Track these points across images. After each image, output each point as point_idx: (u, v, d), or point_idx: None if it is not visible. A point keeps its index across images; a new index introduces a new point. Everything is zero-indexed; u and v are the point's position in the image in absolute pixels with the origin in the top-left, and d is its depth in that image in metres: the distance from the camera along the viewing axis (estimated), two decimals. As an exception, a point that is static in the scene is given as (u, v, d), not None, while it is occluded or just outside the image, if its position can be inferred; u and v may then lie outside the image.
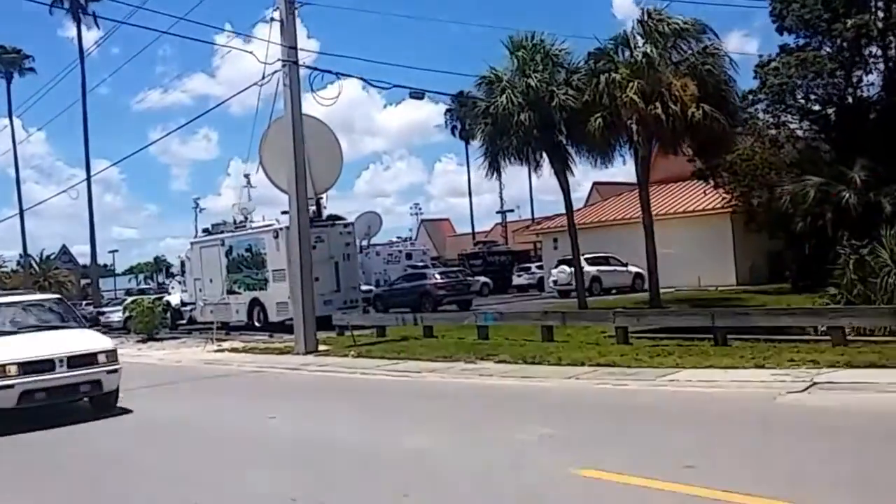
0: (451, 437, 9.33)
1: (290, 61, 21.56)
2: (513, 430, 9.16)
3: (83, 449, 10.47)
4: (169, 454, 9.64)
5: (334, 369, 17.64)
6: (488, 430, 9.55)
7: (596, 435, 9.07)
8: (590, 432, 9.23)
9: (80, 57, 52.27)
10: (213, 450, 9.63)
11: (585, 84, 23.61)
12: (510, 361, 15.87)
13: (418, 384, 14.55)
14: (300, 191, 21.88)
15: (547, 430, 9.00)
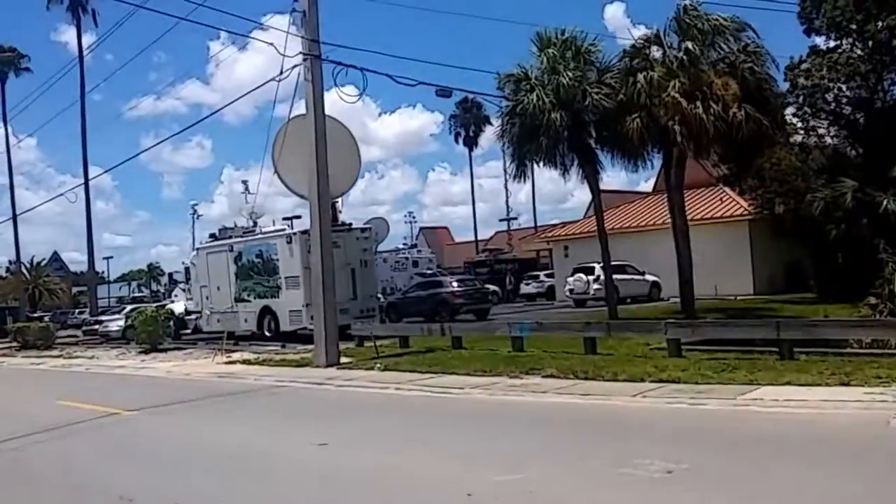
0: (562, 472, 7.97)
1: (312, 55, 20.38)
2: (628, 463, 7.83)
3: (118, 478, 9.20)
4: (225, 495, 8.23)
5: (363, 384, 16.41)
6: (596, 463, 8.20)
7: (731, 471, 7.70)
8: (717, 466, 7.95)
9: (80, 55, 51.15)
10: (275, 490, 8.09)
11: (620, 83, 22.48)
12: (559, 376, 14.70)
13: (466, 402, 13.31)
14: (322, 193, 20.69)
15: (669, 463, 7.74)
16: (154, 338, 28.64)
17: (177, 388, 17.94)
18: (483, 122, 73.18)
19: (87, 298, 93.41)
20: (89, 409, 14.34)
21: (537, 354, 17.65)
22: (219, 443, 10.79)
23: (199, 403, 14.63)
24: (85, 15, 51.70)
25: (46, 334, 36.85)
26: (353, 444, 10.01)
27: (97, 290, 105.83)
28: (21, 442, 11.53)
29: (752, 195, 31.09)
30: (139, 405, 14.28)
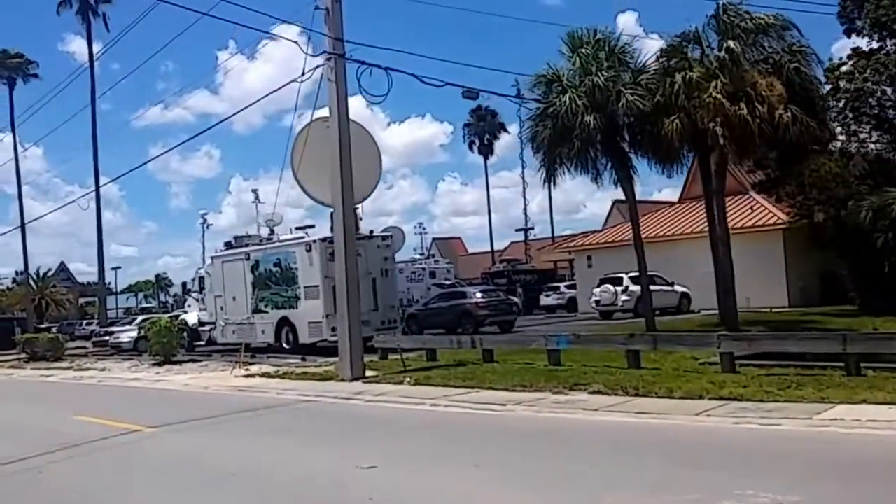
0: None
1: (337, 54, 19.40)
2: (729, 495, 6.78)
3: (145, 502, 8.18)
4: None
5: (394, 399, 15.37)
6: (694, 494, 7.09)
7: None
8: (836, 499, 6.89)
9: (90, 59, 50.42)
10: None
11: (656, 84, 21.44)
12: (607, 392, 13.65)
13: (512, 420, 12.24)
14: (346, 198, 19.67)
15: (777, 495, 6.67)
16: (168, 350, 27.64)
17: (197, 403, 16.96)
18: (498, 130, 72.29)
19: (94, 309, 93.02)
20: (109, 424, 13.36)
21: (577, 369, 16.57)
22: (254, 464, 9.72)
23: (224, 419, 13.58)
24: (96, 19, 50.93)
25: (56, 346, 35.91)
26: (402, 467, 8.97)
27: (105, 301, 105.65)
28: (41, 460, 10.62)
29: (791, 202, 29.82)
30: (160, 421, 13.28)
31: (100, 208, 52.05)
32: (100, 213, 52.27)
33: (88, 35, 51.23)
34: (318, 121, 24.75)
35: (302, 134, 25.24)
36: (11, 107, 56.51)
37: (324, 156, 24.19)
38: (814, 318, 26.27)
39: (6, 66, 56.22)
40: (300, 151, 25.11)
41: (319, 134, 24.37)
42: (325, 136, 24.08)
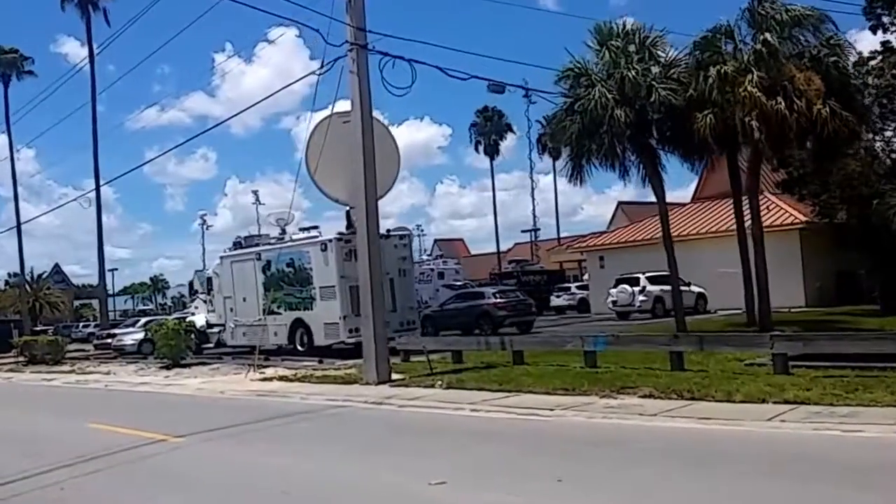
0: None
1: (359, 45, 18.61)
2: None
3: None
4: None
5: (430, 404, 14.60)
6: None
7: None
8: None
9: (90, 54, 49.34)
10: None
11: (688, 78, 20.73)
12: (660, 396, 12.90)
13: (567, 427, 11.46)
14: (369, 195, 18.87)
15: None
16: (176, 352, 26.81)
17: (219, 409, 16.21)
18: (505, 131, 71.56)
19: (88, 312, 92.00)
20: (129, 434, 12.50)
21: (617, 371, 15.83)
22: (306, 480, 8.91)
23: (255, 427, 12.73)
24: (96, 13, 49.80)
25: (56, 348, 34.97)
26: (476, 482, 8.15)
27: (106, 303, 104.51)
28: (61, 474, 9.69)
29: (815, 202, 29.12)
30: (185, 429, 12.43)
31: (100, 208, 51.28)
32: (100, 213, 51.47)
33: (88, 30, 50.16)
34: (333, 116, 23.99)
35: (316, 130, 24.50)
36: (6, 104, 55.45)
37: (339, 152, 23.46)
38: (841, 319, 25.63)
39: (0, 62, 55.11)
40: (315, 148, 24.41)
41: (335, 130, 23.69)
42: (342, 132, 23.41)
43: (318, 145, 24.18)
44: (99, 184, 48.66)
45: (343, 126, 23.50)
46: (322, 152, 23.77)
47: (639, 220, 50.05)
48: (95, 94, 50.23)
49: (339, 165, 23.69)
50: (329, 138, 23.63)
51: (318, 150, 24.00)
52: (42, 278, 78.60)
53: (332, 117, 23.96)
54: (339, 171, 23.93)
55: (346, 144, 23.29)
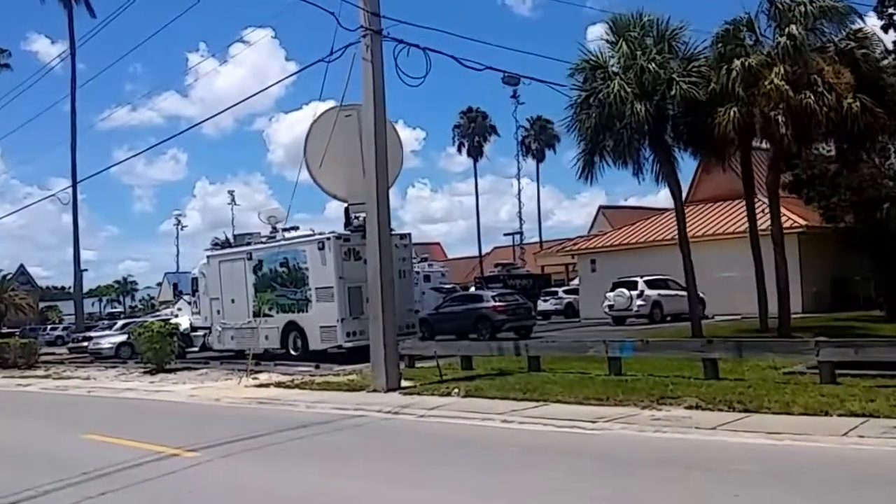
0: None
1: (373, 30, 17.53)
2: None
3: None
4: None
5: (451, 414, 13.57)
6: None
7: None
8: None
9: (71, 48, 47.55)
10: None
11: (710, 71, 19.90)
12: (707, 408, 11.97)
13: (620, 441, 10.45)
14: (380, 189, 17.79)
15: None
16: (161, 357, 25.49)
17: (222, 418, 15.10)
18: (489, 133, 70.61)
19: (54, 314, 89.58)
20: (131, 446, 11.30)
21: (647, 380, 14.89)
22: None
23: (272, 440, 11.54)
24: (78, 4, 48.04)
25: (29, 352, 33.39)
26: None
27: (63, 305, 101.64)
28: (67, 496, 8.48)
29: (822, 204, 28.41)
30: (194, 442, 11.26)
31: (76, 207, 49.66)
32: (76, 212, 49.96)
33: (70, 22, 48.17)
34: (333, 109, 23.01)
35: (318, 123, 23.45)
36: (-17, 97, 53.64)
37: (339, 147, 22.43)
38: (852, 325, 24.88)
39: (-25, 54, 53.20)
40: (314, 142, 23.37)
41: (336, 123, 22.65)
42: (343, 126, 22.36)
43: (317, 139, 23.14)
44: (76, 181, 46.92)
45: (345, 120, 22.51)
46: (320, 146, 22.71)
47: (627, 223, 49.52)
48: (75, 89, 48.77)
49: (339, 161, 22.67)
50: (328, 132, 22.60)
51: (318, 144, 22.96)
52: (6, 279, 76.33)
53: (330, 111, 23.00)
54: (339, 166, 22.92)
55: (346, 139, 22.34)
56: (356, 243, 23.71)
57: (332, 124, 22.49)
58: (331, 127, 22.43)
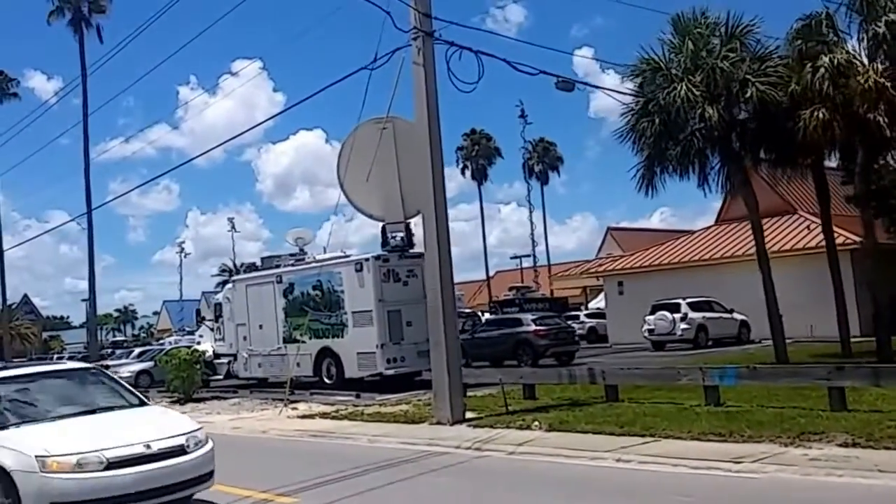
0: None
1: (424, 32, 16.01)
2: None
3: None
4: None
5: (547, 451, 11.94)
6: None
7: None
8: None
9: (83, 72, 46.00)
10: None
11: (786, 71, 18.40)
12: (868, 445, 10.20)
13: (788, 487, 8.78)
14: (438, 201, 16.15)
15: None
16: (189, 386, 23.76)
17: (286, 454, 13.75)
18: (493, 155, 69.12)
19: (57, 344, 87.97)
20: (216, 489, 9.53)
21: (759, 412, 13.16)
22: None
23: (367, 482, 9.83)
24: (89, 30, 46.81)
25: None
26: None
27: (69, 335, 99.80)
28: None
29: (894, 217, 26.73)
30: (278, 483, 9.71)
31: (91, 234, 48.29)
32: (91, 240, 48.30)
33: (81, 47, 46.77)
34: (367, 123, 21.47)
35: (349, 138, 22.01)
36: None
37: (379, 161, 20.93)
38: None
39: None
40: (347, 158, 21.79)
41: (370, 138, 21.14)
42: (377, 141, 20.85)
43: (350, 155, 21.59)
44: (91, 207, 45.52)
45: (378, 134, 21.01)
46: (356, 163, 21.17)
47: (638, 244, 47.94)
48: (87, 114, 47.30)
49: (375, 177, 21.15)
50: (363, 148, 21.10)
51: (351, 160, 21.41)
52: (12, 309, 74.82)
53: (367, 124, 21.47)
54: (374, 184, 21.39)
55: (382, 154, 20.82)
56: (395, 264, 22.24)
57: (366, 139, 21.05)
58: (364, 142, 21.02)
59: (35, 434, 8.42)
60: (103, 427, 8.80)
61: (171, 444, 8.47)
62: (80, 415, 9.16)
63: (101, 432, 8.55)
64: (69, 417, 9.04)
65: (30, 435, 8.39)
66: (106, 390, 10.12)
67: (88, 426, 8.84)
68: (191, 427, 9.06)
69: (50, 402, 9.41)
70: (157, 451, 8.32)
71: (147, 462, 8.20)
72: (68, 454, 7.95)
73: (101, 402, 9.63)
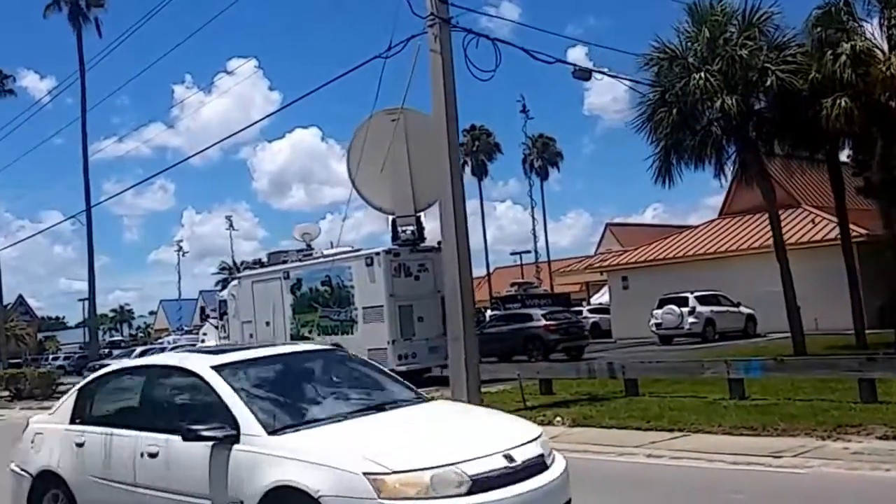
0: None
1: (441, 18, 15.68)
2: None
3: None
4: None
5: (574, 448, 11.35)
6: None
7: None
8: None
9: (81, 68, 45.43)
10: None
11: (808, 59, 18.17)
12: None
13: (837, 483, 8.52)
14: (456, 193, 15.82)
15: None
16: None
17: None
18: (493, 151, 68.81)
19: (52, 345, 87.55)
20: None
21: (788, 405, 12.94)
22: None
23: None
24: (86, 24, 46.20)
25: (47, 383, 31.19)
26: None
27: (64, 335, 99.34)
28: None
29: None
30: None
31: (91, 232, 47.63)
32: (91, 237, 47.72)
33: (79, 41, 46.10)
34: (377, 114, 21.17)
35: (362, 129, 21.70)
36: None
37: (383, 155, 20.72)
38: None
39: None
40: (357, 151, 21.54)
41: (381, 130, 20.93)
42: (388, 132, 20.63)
43: (360, 148, 21.34)
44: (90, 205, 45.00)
45: (390, 125, 20.77)
46: (366, 155, 20.92)
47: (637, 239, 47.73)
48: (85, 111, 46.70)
49: (385, 170, 20.95)
50: (374, 140, 20.87)
51: (362, 153, 21.15)
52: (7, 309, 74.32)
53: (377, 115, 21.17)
54: (384, 177, 21.18)
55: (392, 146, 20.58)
56: (406, 258, 21.95)
57: (377, 132, 20.81)
58: (375, 134, 20.79)
59: (339, 440, 5.77)
60: (426, 431, 6.16)
61: (532, 455, 5.76)
62: (367, 412, 6.39)
63: (435, 438, 5.95)
64: (358, 416, 6.27)
65: (331, 441, 5.74)
66: (369, 379, 7.36)
67: (405, 429, 6.14)
68: (535, 431, 6.30)
69: (319, 396, 6.75)
70: (521, 465, 5.59)
71: (513, 481, 5.45)
72: (416, 469, 5.20)
73: (378, 395, 6.94)
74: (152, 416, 6.80)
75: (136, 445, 6.52)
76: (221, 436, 5.86)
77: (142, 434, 6.56)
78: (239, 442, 5.82)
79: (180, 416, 6.37)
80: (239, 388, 6.26)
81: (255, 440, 5.78)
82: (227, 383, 6.29)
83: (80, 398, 7.58)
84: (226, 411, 6.04)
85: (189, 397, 6.78)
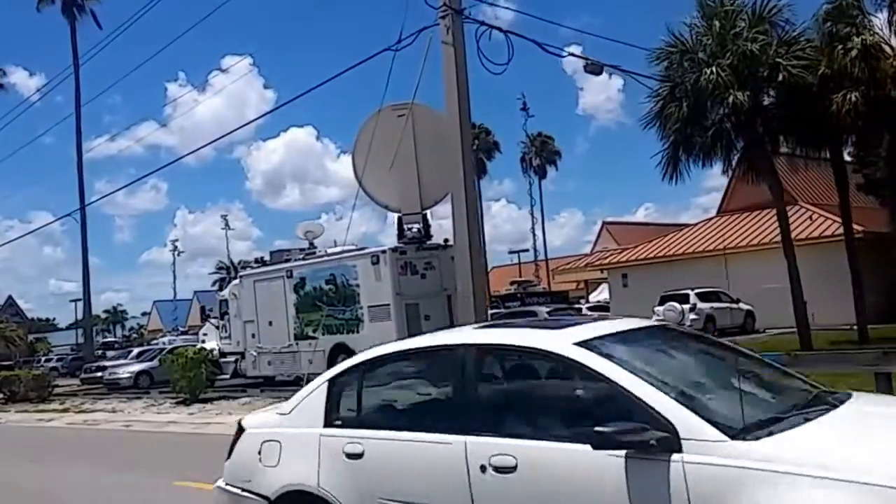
0: None
1: (453, 9, 15.72)
2: None
3: None
4: None
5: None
6: None
7: None
8: None
9: (75, 62, 45.00)
10: None
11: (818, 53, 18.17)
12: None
13: None
14: (468, 190, 15.87)
15: None
16: (196, 385, 23.26)
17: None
18: (492, 149, 68.73)
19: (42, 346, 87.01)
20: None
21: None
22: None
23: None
24: (82, 15, 45.64)
25: (42, 384, 30.95)
26: None
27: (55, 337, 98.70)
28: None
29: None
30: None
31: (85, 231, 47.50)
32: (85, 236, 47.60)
33: (73, 34, 45.52)
34: (384, 110, 21.15)
35: (368, 125, 21.56)
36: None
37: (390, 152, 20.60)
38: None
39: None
40: (363, 148, 21.45)
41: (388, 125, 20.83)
42: (395, 128, 20.55)
43: (366, 145, 21.23)
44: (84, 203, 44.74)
45: (397, 120, 20.69)
46: (372, 152, 20.84)
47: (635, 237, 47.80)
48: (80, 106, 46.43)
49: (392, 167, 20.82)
50: (381, 136, 20.77)
51: (367, 150, 21.07)
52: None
53: (384, 111, 21.14)
54: (391, 173, 21.06)
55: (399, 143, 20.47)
56: (412, 256, 21.84)
57: (384, 127, 20.73)
58: (382, 130, 20.69)
59: (851, 447, 4.08)
60: None
61: None
62: (818, 409, 4.62)
63: None
64: (816, 415, 4.46)
65: (851, 449, 4.06)
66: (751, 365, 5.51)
67: None
68: None
69: (727, 386, 4.74)
70: None
71: None
72: None
73: (777, 384, 5.38)
74: (491, 414, 4.97)
75: (465, 455, 4.77)
76: (653, 440, 4.10)
77: (475, 439, 4.78)
78: (680, 450, 4.08)
79: (545, 414, 4.90)
80: (644, 374, 4.46)
81: (711, 447, 4.02)
82: (622, 368, 4.48)
83: (335, 393, 5.90)
84: (638, 407, 4.25)
85: (558, 387, 5.10)
